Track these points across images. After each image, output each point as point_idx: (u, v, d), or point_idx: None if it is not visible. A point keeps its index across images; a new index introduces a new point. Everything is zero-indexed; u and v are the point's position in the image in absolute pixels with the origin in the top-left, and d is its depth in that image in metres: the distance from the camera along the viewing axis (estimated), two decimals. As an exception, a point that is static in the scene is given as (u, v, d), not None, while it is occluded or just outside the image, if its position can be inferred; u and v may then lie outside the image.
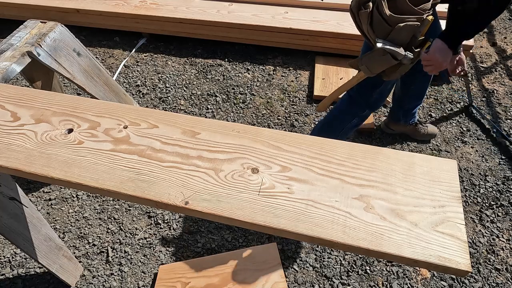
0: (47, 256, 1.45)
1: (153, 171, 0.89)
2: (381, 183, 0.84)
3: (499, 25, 2.93)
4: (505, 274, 1.62)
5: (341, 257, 1.68)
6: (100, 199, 1.94)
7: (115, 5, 2.84)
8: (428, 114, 2.31)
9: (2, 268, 1.69)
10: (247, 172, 0.88)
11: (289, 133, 0.97)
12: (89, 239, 1.78)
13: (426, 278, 1.62)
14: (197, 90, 2.54)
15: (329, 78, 2.51)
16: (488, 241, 1.72)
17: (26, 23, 1.64)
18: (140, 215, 1.87)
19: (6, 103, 1.09)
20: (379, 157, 0.90)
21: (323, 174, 0.87)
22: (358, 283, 1.61)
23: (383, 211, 0.79)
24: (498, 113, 2.28)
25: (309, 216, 0.79)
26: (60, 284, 1.63)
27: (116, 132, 0.99)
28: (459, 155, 2.08)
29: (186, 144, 0.95)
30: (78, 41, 1.71)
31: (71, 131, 1.00)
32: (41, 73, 1.72)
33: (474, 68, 2.58)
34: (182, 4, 2.78)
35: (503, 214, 1.82)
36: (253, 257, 1.62)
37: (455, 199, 0.81)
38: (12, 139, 0.98)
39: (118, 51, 2.88)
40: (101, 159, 0.92)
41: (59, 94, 1.13)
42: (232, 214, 0.80)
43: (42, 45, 1.53)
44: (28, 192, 1.98)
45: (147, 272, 1.67)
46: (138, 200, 0.86)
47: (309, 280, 1.62)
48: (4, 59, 1.45)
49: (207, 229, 1.80)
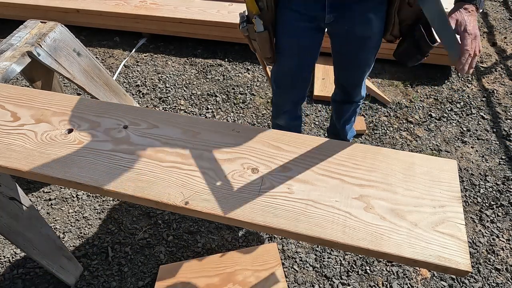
0: (47, 256, 1.45)
1: (153, 171, 0.89)
2: (381, 183, 0.84)
3: (499, 25, 2.93)
4: (505, 274, 1.62)
5: (341, 257, 1.68)
6: (100, 199, 1.94)
7: (115, 5, 2.84)
8: (428, 114, 2.31)
9: (2, 268, 1.69)
10: (247, 172, 0.88)
11: (289, 133, 0.97)
12: (89, 239, 1.78)
13: (426, 278, 1.62)
14: (197, 90, 2.54)
15: (329, 78, 2.51)
16: (488, 241, 1.72)
17: (26, 23, 1.64)
18: (140, 215, 1.87)
19: (6, 103, 1.09)
20: (379, 157, 0.90)
21: (323, 174, 0.87)
22: (358, 283, 1.61)
23: (383, 211, 0.79)
24: (498, 113, 2.28)
25: (309, 216, 0.79)
26: (60, 284, 1.62)
27: (116, 132, 0.99)
28: (459, 155, 2.08)
29: (186, 144, 0.95)
30: (78, 41, 1.71)
31: (71, 131, 1.00)
32: (41, 73, 1.72)
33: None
34: (182, 4, 2.78)
35: (503, 214, 1.82)
36: (253, 257, 1.62)
37: (455, 199, 0.81)
38: (12, 139, 0.98)
39: (118, 51, 2.88)
40: (101, 159, 0.92)
41: (59, 94, 1.13)
42: (232, 214, 0.80)
43: (42, 45, 1.53)
44: (28, 192, 1.98)
45: (147, 272, 1.67)
46: (138, 200, 0.86)
47: (309, 280, 1.62)
48: (4, 59, 1.45)
49: (207, 229, 1.80)
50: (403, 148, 2.13)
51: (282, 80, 1.45)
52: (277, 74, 1.44)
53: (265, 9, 1.17)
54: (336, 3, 1.12)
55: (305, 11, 1.18)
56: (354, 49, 1.30)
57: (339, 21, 1.18)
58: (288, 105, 1.57)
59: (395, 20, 1.15)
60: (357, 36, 1.23)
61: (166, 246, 1.75)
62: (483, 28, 2.91)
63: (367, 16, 1.16)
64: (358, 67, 1.40)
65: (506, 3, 3.14)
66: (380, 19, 1.19)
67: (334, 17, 1.16)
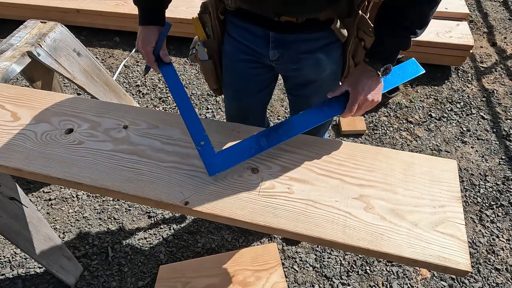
0: (47, 256, 1.45)
1: (153, 171, 0.89)
2: (381, 183, 0.84)
3: (499, 25, 2.93)
4: (505, 274, 1.62)
5: (341, 257, 1.68)
6: (100, 199, 1.94)
7: (115, 5, 2.84)
8: (428, 114, 2.31)
9: (2, 268, 1.69)
10: (247, 172, 0.88)
11: (289, 133, 0.97)
12: (89, 239, 1.78)
13: (426, 278, 1.62)
14: (197, 90, 2.54)
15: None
16: (488, 241, 1.72)
17: (26, 23, 1.64)
18: (140, 215, 1.87)
19: (6, 103, 1.09)
20: (379, 157, 0.90)
21: (323, 174, 0.87)
22: (358, 283, 1.61)
23: (383, 211, 0.79)
24: (498, 113, 2.28)
25: (309, 216, 0.79)
26: (60, 284, 1.62)
27: (116, 132, 0.99)
28: (459, 155, 2.08)
29: (186, 144, 0.95)
30: (78, 41, 1.71)
31: (71, 131, 1.00)
32: (41, 73, 1.72)
33: (474, 68, 2.58)
34: (182, 4, 2.78)
35: (503, 214, 1.82)
36: (253, 257, 1.62)
37: (455, 199, 0.81)
38: (12, 139, 0.98)
39: (118, 51, 2.88)
40: (101, 159, 0.92)
41: (59, 94, 1.13)
42: (232, 214, 0.80)
43: (42, 45, 1.53)
44: (28, 192, 1.98)
45: (147, 272, 1.67)
46: (138, 200, 0.86)
47: (309, 280, 1.62)
48: (4, 59, 1.45)
49: (207, 229, 1.80)
50: (403, 148, 2.13)
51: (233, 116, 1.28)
52: (226, 107, 1.29)
53: (211, 36, 1.06)
54: (280, 39, 0.97)
55: (247, 42, 1.03)
56: (308, 93, 1.13)
57: (284, 59, 1.02)
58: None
59: (349, 63, 1.03)
60: (307, 79, 1.07)
61: (166, 246, 1.75)
62: (483, 28, 2.91)
63: (316, 56, 1.00)
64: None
65: (506, 3, 3.14)
66: (333, 61, 1.03)
67: (279, 53, 1.00)
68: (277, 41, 0.98)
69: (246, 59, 1.08)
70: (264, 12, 0.92)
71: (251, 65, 1.09)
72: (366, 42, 0.95)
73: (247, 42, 1.03)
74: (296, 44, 0.98)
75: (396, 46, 0.86)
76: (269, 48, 1.00)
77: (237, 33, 1.04)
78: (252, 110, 1.26)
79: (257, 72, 1.12)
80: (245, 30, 1.01)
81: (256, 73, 1.12)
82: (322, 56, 1.00)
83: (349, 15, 0.93)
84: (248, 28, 1.00)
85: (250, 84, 1.16)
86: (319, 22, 0.92)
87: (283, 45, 0.99)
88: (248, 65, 1.09)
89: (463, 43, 2.39)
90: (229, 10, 0.99)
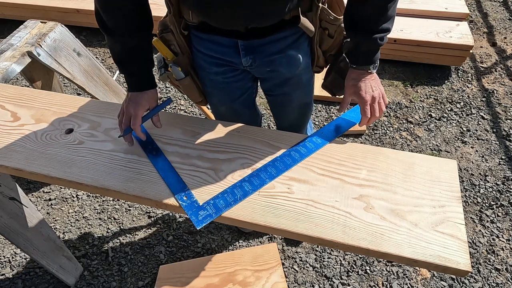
0: (47, 256, 1.45)
1: (153, 171, 0.89)
2: (381, 183, 0.84)
3: (499, 25, 2.93)
4: (505, 274, 1.62)
5: (341, 257, 1.68)
6: (100, 199, 1.94)
7: (115, 5, 2.83)
8: (428, 114, 2.31)
9: (2, 268, 1.69)
10: (247, 172, 0.88)
11: (289, 133, 0.97)
12: (89, 239, 1.78)
13: (426, 278, 1.62)
14: (197, 90, 2.54)
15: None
16: (488, 241, 1.72)
17: (26, 23, 1.64)
18: (140, 215, 1.87)
19: (6, 103, 1.09)
20: (379, 157, 0.90)
21: (323, 174, 0.87)
22: (358, 283, 1.61)
23: (383, 211, 0.79)
24: (498, 113, 2.28)
25: (309, 216, 0.79)
26: (60, 284, 1.62)
27: (116, 132, 0.99)
28: (459, 155, 2.08)
29: (186, 144, 0.95)
30: (78, 41, 1.71)
31: (71, 131, 1.00)
32: (41, 73, 1.72)
33: (474, 68, 2.58)
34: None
35: (503, 214, 1.82)
36: (253, 257, 1.62)
37: (455, 199, 0.81)
38: (12, 139, 0.98)
39: (118, 51, 2.88)
40: (101, 159, 0.92)
41: (59, 94, 1.13)
42: (232, 214, 0.80)
43: (42, 45, 1.53)
44: (28, 192, 1.98)
45: (147, 272, 1.67)
46: (138, 200, 0.86)
47: (309, 280, 1.62)
48: (4, 59, 1.45)
49: (207, 229, 1.80)
50: (403, 148, 2.13)
51: (225, 117, 1.26)
52: (214, 110, 1.28)
53: (179, 53, 1.02)
54: (250, 45, 0.97)
55: (218, 55, 1.01)
56: (287, 90, 1.15)
57: (257, 63, 1.02)
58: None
59: (318, 52, 1.05)
60: (284, 77, 1.09)
61: (166, 246, 1.75)
62: (483, 28, 2.91)
63: (288, 54, 1.01)
64: (298, 109, 1.26)
65: (506, 3, 3.14)
66: (304, 54, 1.05)
67: (252, 59, 1.00)
68: (247, 48, 0.98)
69: (222, 71, 1.06)
70: (233, 27, 0.92)
71: (228, 75, 1.08)
72: (329, 30, 0.99)
73: (217, 55, 1.01)
74: (266, 46, 0.98)
75: (374, 45, 0.90)
76: (240, 56, 1.00)
77: (205, 47, 1.01)
78: (241, 108, 1.26)
79: (236, 79, 1.11)
80: (212, 42, 0.99)
81: (235, 79, 1.11)
82: (293, 52, 1.02)
83: (310, 9, 0.95)
84: (215, 40, 0.98)
85: (232, 91, 1.16)
86: (284, 22, 0.94)
87: (254, 50, 0.98)
88: (225, 76, 1.08)
89: (463, 43, 2.39)
90: (192, 25, 0.97)
